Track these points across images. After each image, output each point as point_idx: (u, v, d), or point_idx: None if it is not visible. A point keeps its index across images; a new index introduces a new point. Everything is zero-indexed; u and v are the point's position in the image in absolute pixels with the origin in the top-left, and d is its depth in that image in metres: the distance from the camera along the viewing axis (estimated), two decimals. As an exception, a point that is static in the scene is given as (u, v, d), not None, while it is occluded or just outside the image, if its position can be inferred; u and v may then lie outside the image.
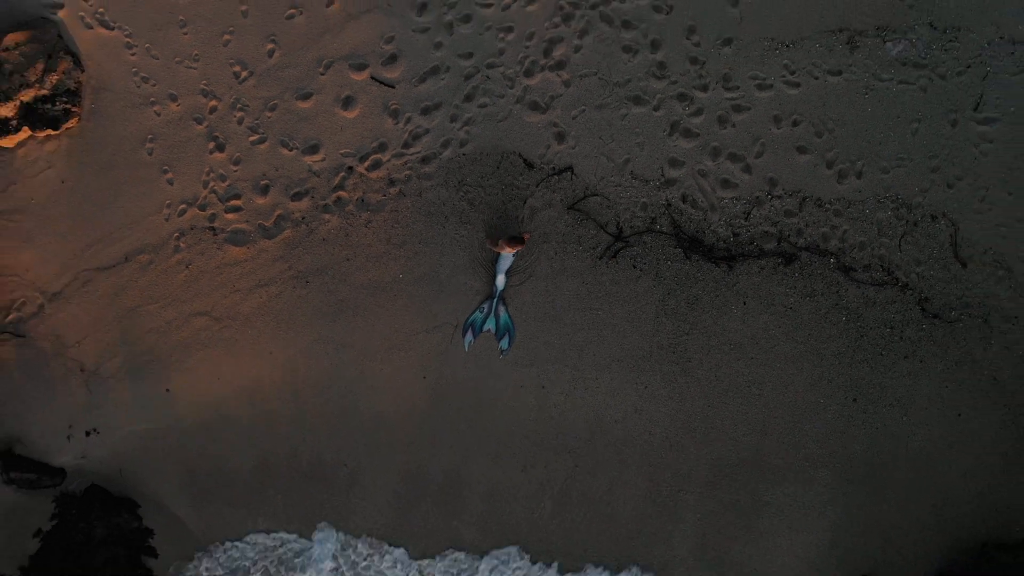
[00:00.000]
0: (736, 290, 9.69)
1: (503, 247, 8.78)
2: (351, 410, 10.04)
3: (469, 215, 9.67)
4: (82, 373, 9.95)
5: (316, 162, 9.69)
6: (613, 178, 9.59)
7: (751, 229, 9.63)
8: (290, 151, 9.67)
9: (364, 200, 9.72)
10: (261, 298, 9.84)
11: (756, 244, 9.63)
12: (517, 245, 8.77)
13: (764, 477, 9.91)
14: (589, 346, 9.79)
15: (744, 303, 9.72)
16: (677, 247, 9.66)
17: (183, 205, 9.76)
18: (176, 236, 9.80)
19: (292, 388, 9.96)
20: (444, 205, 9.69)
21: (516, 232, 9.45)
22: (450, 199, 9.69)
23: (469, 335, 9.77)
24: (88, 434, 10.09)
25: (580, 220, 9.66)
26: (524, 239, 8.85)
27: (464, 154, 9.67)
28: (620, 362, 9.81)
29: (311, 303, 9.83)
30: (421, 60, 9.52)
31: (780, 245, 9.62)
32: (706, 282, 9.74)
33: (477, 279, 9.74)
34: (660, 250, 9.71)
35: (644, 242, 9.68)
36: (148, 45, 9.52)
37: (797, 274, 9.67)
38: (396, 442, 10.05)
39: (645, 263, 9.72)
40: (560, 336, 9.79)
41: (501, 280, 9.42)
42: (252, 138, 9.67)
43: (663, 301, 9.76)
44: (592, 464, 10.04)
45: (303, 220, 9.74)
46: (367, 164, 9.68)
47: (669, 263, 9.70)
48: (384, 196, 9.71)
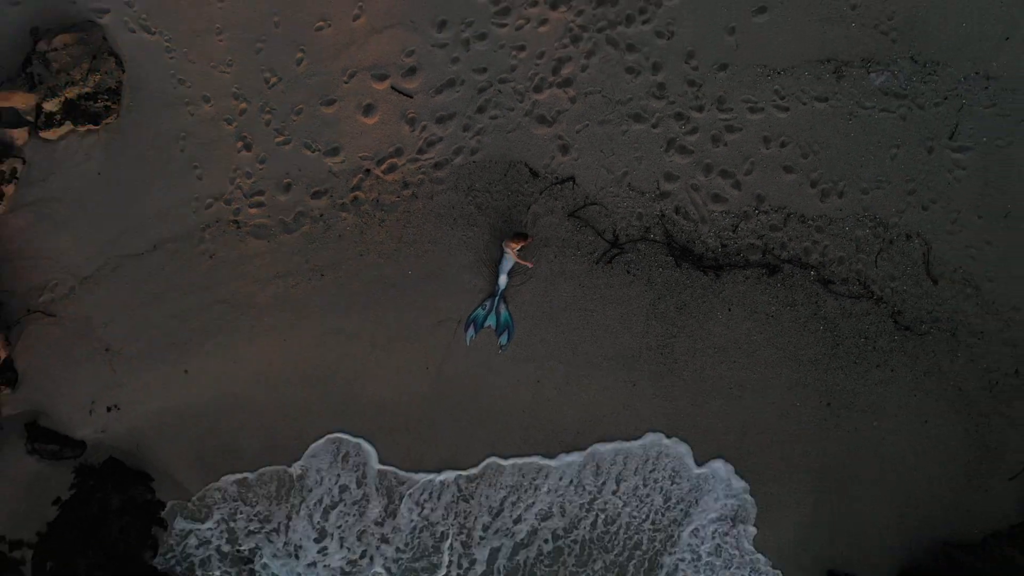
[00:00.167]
0: (722, 297, 10.11)
1: (508, 244, 9.37)
2: (356, 396, 10.41)
3: (476, 218, 10.13)
4: (107, 353, 10.33)
5: (336, 164, 10.18)
6: (612, 189, 10.08)
7: (738, 241, 10.08)
8: (312, 152, 10.16)
9: (379, 201, 10.19)
10: (278, 289, 10.27)
11: (742, 255, 10.08)
12: (520, 240, 9.32)
13: (742, 475, 10.29)
14: (583, 345, 10.19)
15: (729, 310, 10.14)
16: (669, 255, 10.13)
17: (210, 199, 10.24)
18: (202, 228, 10.25)
19: (302, 374, 10.36)
20: (453, 208, 10.16)
21: (521, 231, 9.95)
22: (459, 203, 10.16)
23: (471, 330, 10.19)
24: (109, 410, 10.44)
25: (579, 227, 10.13)
26: (527, 239, 9.42)
27: (474, 161, 10.16)
28: (611, 361, 10.20)
29: (325, 295, 10.26)
30: (438, 73, 10.05)
31: (765, 257, 10.07)
32: (694, 289, 10.16)
33: (481, 278, 10.17)
34: (653, 257, 10.15)
35: (638, 249, 10.14)
36: (186, 50, 10.05)
37: (779, 284, 10.10)
38: (398, 427, 10.42)
39: (638, 269, 10.17)
40: (556, 334, 10.21)
41: (503, 280, 9.91)
42: (278, 139, 10.16)
43: (654, 305, 10.18)
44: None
45: (321, 217, 10.22)
46: (383, 167, 10.17)
47: (661, 270, 10.15)
48: (398, 198, 10.19)
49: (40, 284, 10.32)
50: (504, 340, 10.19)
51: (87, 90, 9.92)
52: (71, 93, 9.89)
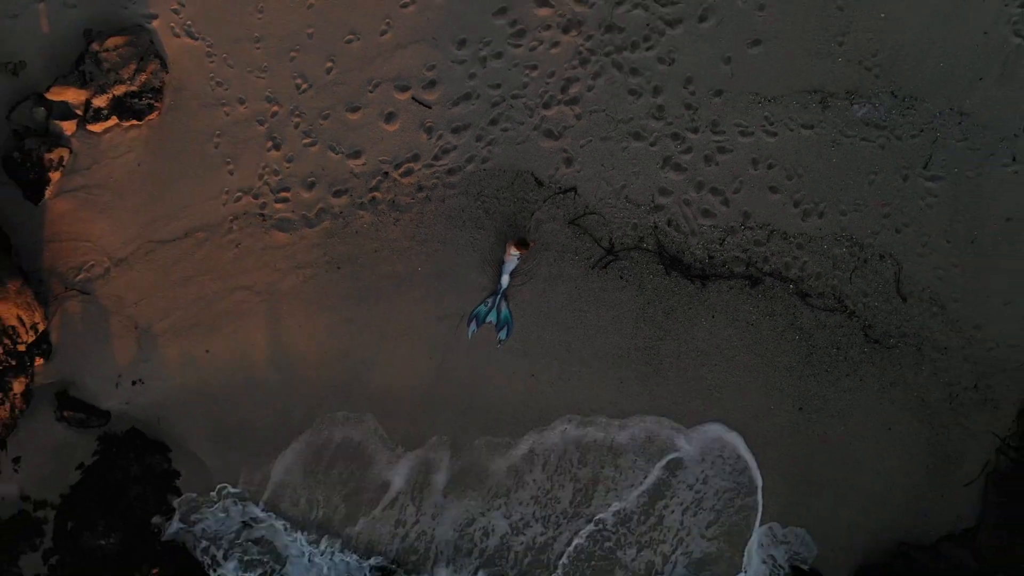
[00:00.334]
0: (707, 305, 10.67)
1: (511, 248, 9.94)
2: (364, 381, 10.92)
3: (484, 222, 10.69)
4: (136, 330, 10.78)
5: (357, 166, 10.71)
6: (610, 200, 10.63)
7: (724, 253, 10.64)
8: (336, 155, 10.69)
9: (395, 201, 10.73)
10: (297, 278, 10.75)
11: (727, 267, 10.64)
12: (522, 248, 9.92)
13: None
14: (576, 343, 10.75)
15: (713, 317, 10.68)
16: (659, 264, 10.68)
17: (239, 193, 10.71)
18: (230, 219, 10.72)
19: (315, 358, 10.86)
20: (463, 211, 10.71)
21: (524, 236, 10.52)
22: (469, 207, 10.72)
23: (473, 325, 10.76)
24: (134, 384, 10.87)
25: (578, 234, 10.68)
26: (529, 245, 10.01)
27: (485, 169, 10.68)
28: (601, 359, 10.75)
29: (340, 286, 10.77)
30: (456, 87, 10.56)
31: (748, 269, 10.63)
32: (681, 296, 10.71)
33: (485, 277, 10.73)
34: (645, 265, 10.70)
35: (631, 257, 10.69)
36: (225, 55, 10.53)
37: (761, 295, 10.65)
38: (400, 412, 10.95)
39: (631, 275, 10.72)
40: (552, 332, 10.76)
41: (505, 280, 10.47)
42: (305, 141, 10.67)
43: (643, 309, 10.73)
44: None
45: (341, 214, 10.73)
46: (401, 171, 10.69)
47: (651, 277, 10.70)
48: (412, 199, 10.72)
49: (78, 264, 10.65)
50: (503, 335, 10.73)
51: (133, 88, 10.28)
52: (119, 91, 10.24)
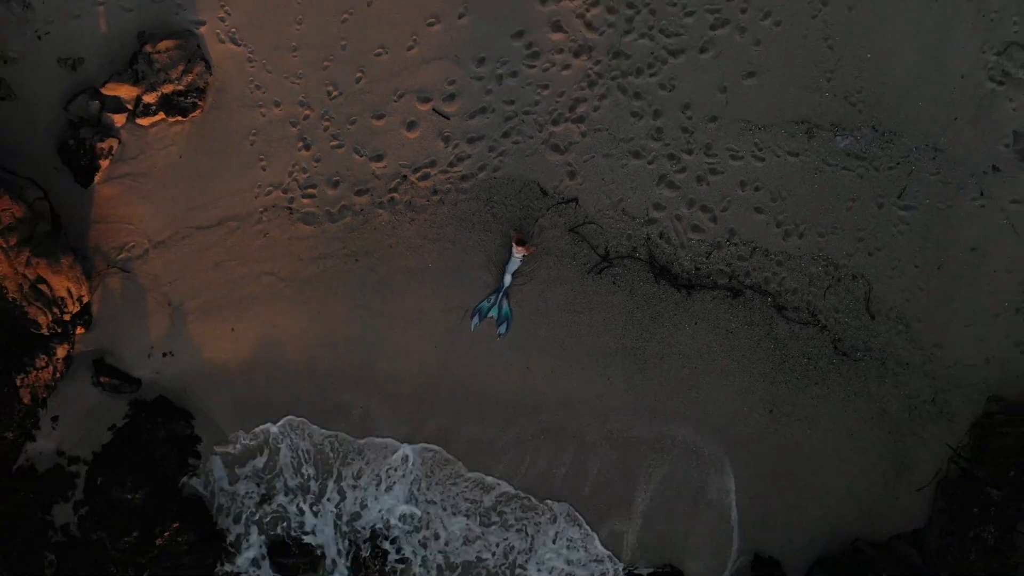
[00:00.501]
0: (691, 312, 11.06)
1: (515, 241, 10.40)
2: (373, 365, 11.37)
3: (491, 225, 11.09)
4: (169, 307, 11.28)
5: (379, 168, 11.09)
6: (608, 212, 11.02)
7: (710, 266, 11.01)
8: (360, 157, 11.07)
9: (411, 203, 11.12)
10: (318, 268, 11.18)
11: (712, 278, 11.01)
12: (522, 248, 10.38)
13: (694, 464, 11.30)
14: (569, 341, 11.18)
15: (696, 323, 11.08)
16: (650, 272, 11.06)
17: (270, 187, 11.14)
18: (261, 211, 11.15)
19: (329, 342, 11.34)
20: (473, 215, 11.12)
21: (526, 237, 10.94)
22: (479, 211, 11.13)
23: (476, 319, 11.24)
24: (164, 355, 11.41)
25: (577, 241, 11.10)
26: (527, 241, 10.42)
27: (495, 177, 11.05)
28: (592, 357, 11.17)
29: (357, 277, 11.21)
30: (474, 101, 10.92)
31: (731, 282, 10.99)
32: (668, 303, 11.11)
33: (489, 275, 11.17)
34: (636, 273, 11.10)
35: (624, 265, 11.09)
36: (265, 61, 10.88)
37: (741, 306, 11.03)
38: (404, 395, 11.43)
39: (623, 281, 11.14)
40: (548, 330, 11.20)
41: (508, 279, 10.92)
42: (333, 143, 11.06)
43: (632, 313, 11.14)
44: (556, 431, 11.45)
45: (361, 211, 11.14)
46: (418, 175, 11.09)
47: (641, 284, 11.11)
48: (427, 201, 11.11)
49: (120, 244, 11.17)
50: (503, 330, 11.17)
51: (180, 88, 10.66)
52: (167, 89, 10.63)
